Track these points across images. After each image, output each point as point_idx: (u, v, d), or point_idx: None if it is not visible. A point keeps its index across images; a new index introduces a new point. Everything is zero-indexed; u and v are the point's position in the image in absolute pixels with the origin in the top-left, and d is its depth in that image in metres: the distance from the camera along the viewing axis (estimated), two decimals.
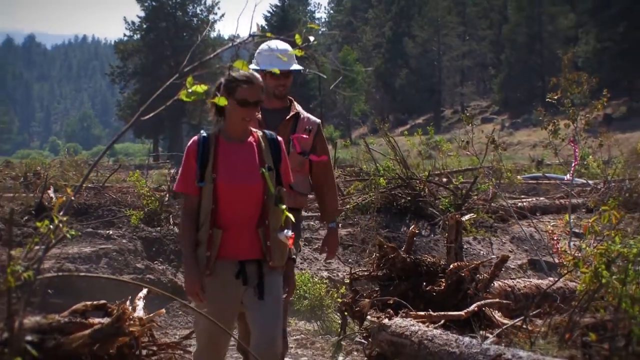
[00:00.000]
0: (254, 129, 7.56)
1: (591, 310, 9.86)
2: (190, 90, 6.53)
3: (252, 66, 8.41)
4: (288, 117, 8.56)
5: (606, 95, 19.25)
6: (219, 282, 7.47)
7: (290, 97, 8.76)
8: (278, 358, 7.45)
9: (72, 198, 10.28)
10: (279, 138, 7.60)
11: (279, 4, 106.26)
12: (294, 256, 7.98)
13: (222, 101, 6.99)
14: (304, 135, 8.47)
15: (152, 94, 6.61)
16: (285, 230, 7.25)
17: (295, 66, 8.88)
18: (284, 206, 7.13)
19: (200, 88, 6.74)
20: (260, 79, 7.49)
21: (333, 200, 9.08)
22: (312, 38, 6.55)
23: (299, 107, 8.71)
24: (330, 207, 9.04)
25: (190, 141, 7.59)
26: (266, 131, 7.64)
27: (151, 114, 6.47)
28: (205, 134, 7.49)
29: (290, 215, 7.08)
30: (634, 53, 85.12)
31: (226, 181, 7.28)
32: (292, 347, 13.48)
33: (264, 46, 8.93)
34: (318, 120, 8.70)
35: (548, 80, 44.95)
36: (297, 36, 7.43)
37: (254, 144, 7.45)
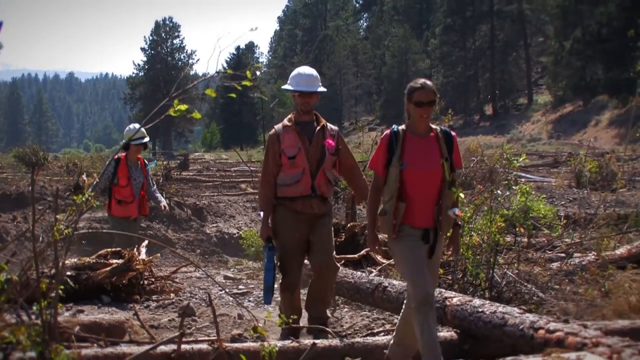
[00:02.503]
0: (433, 126, 6.77)
1: None
2: (176, 109, 6.72)
3: (286, 86, 8.06)
4: (319, 127, 7.95)
5: (450, 112, 19.56)
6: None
7: (316, 112, 8.15)
8: (432, 299, 6.65)
9: (97, 180, 10.41)
10: (453, 133, 6.89)
11: (235, 52, 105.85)
12: (460, 223, 7.18)
13: (211, 92, 7.14)
14: (331, 141, 7.91)
15: (151, 112, 6.82)
16: (455, 209, 6.68)
17: (320, 88, 8.12)
18: (454, 189, 6.69)
19: (183, 107, 6.91)
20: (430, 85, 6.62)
21: (364, 183, 8.25)
22: (258, 73, 6.53)
23: (323, 120, 8.16)
24: (364, 189, 8.13)
25: (384, 134, 6.90)
26: (442, 127, 6.89)
27: (150, 124, 6.69)
28: (396, 129, 6.75)
29: (462, 195, 6.76)
30: (465, 85, 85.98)
31: (412, 168, 6.57)
32: (244, 278, 13.58)
33: (295, 71, 8.19)
34: (336, 128, 8.16)
35: None
36: (247, 72, 7.51)
37: (434, 138, 6.70)
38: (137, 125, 12.23)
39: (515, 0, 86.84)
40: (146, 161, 12.34)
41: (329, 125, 8.03)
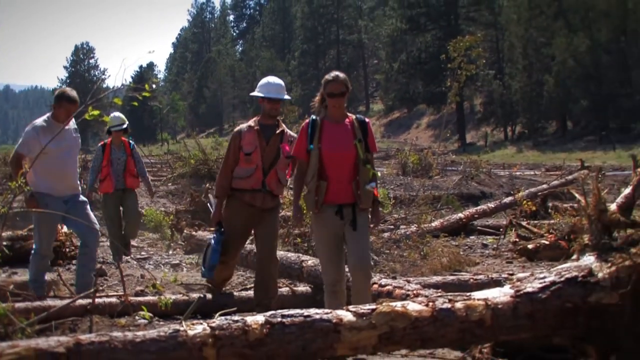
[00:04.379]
0: (349, 114, 6.28)
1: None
2: (90, 114, 6.55)
3: (255, 93, 7.37)
4: (277, 132, 7.30)
5: (306, 117, 19.49)
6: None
7: (279, 118, 7.48)
8: (369, 270, 6.27)
9: (28, 170, 10.00)
10: (367, 120, 6.38)
11: (138, 70, 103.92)
12: (380, 200, 6.76)
13: (118, 101, 6.99)
14: (287, 146, 7.20)
15: (71, 117, 6.65)
16: (372, 183, 6.15)
17: (286, 96, 7.43)
18: (369, 166, 6.16)
19: (96, 112, 6.74)
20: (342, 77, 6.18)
21: None
22: (154, 86, 6.31)
23: (284, 126, 7.51)
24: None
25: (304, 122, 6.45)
26: (358, 115, 6.38)
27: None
28: (314, 118, 6.28)
29: (379, 173, 6.34)
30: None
31: (328, 150, 6.14)
32: (144, 247, 13.38)
33: (263, 80, 7.49)
34: (295, 135, 7.18)
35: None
36: (147, 85, 7.33)
37: (349, 124, 6.21)
38: (117, 114, 11.67)
39: (356, 31, 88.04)
40: (131, 141, 11.73)
41: (289, 132, 7.49)
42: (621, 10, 50.08)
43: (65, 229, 11.16)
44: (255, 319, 4.32)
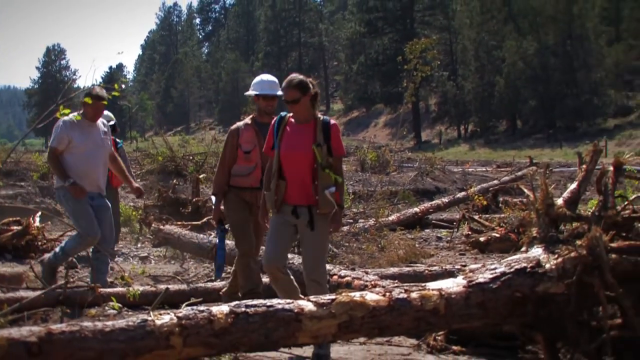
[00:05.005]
0: (319, 115, 5.87)
1: None
2: (62, 112, 6.44)
3: (250, 92, 6.99)
4: None
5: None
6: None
7: (274, 116, 6.57)
8: (320, 280, 5.81)
9: (0, 166, 9.74)
10: (332, 122, 5.85)
11: (108, 70, 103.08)
12: (344, 205, 6.14)
13: (88, 100, 6.89)
14: None
15: (43, 115, 6.57)
16: (331, 188, 5.64)
17: (279, 92, 6.74)
18: (328, 170, 5.66)
19: (67, 111, 6.63)
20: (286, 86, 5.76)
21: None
22: (123, 86, 6.14)
23: None
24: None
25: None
26: (325, 117, 5.90)
27: (43, 124, 6.41)
28: (282, 115, 5.93)
29: (340, 178, 5.76)
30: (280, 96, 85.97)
31: (285, 150, 5.76)
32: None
33: (257, 78, 7.13)
34: None
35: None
36: (116, 85, 7.24)
37: (312, 125, 5.77)
38: (105, 112, 11.17)
39: (317, 34, 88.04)
40: (117, 140, 11.40)
41: None
42: (567, 15, 50.85)
43: (37, 222, 11.04)
44: (220, 309, 4.33)
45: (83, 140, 7.05)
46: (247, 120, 7.02)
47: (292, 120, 5.89)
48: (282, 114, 5.94)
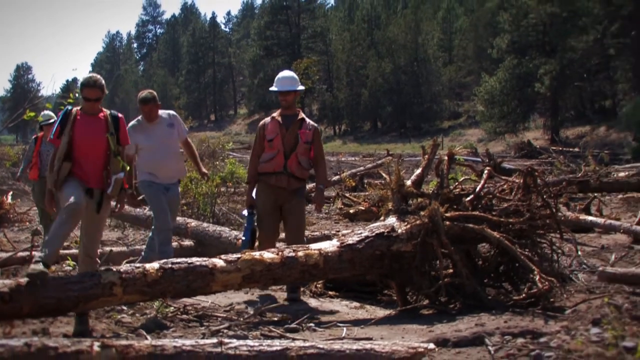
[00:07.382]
0: (105, 109, 5.01)
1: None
2: (28, 115, 6.20)
3: (272, 88, 6.26)
4: (296, 120, 6.10)
5: (190, 119, 18.81)
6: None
7: (299, 109, 6.34)
8: (90, 255, 4.89)
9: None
10: (120, 115, 5.06)
11: (66, 82, 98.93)
12: (131, 191, 5.37)
13: (49, 105, 6.52)
14: (306, 132, 6.06)
15: (13, 117, 6.23)
16: (120, 173, 4.77)
17: (292, 87, 6.20)
18: (119, 157, 4.85)
19: (32, 114, 6.42)
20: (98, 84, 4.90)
21: (323, 171, 6.24)
22: (77, 95, 5.42)
23: (303, 115, 6.27)
24: (321, 175, 6.24)
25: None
26: (112, 112, 5.02)
27: (12, 124, 6.06)
28: (69, 109, 4.93)
29: (128, 167, 5.01)
30: (199, 103, 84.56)
31: (80, 138, 4.80)
32: None
33: (277, 76, 6.42)
34: (316, 125, 6.30)
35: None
36: (71, 94, 6.84)
37: (103, 118, 4.90)
38: (47, 112, 10.28)
39: (227, 56, 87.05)
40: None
41: (308, 121, 6.26)
42: (414, 43, 52.42)
43: (9, 199, 10.68)
44: (152, 265, 4.38)
45: (147, 140, 6.25)
46: (274, 114, 6.37)
47: (82, 113, 4.96)
48: (68, 108, 5.04)
